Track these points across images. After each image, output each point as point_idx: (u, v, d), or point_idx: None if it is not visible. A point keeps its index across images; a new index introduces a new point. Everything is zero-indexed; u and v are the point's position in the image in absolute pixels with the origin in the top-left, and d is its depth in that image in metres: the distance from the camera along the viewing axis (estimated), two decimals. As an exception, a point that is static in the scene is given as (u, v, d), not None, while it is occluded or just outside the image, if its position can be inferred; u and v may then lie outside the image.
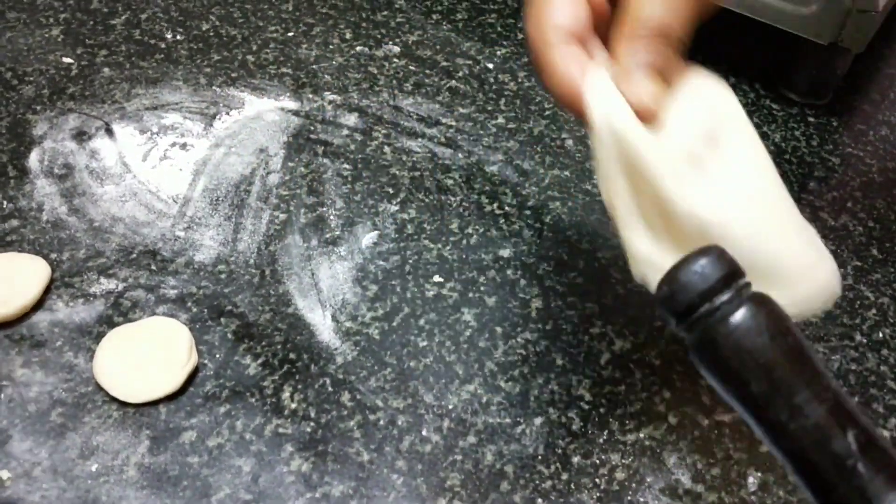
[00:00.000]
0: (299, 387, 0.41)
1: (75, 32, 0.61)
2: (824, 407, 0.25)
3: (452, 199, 0.51)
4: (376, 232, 0.49)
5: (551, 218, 0.51)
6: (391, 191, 0.51)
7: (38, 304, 0.44)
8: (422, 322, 0.45)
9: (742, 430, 0.41)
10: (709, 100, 0.34)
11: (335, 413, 0.40)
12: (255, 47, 0.61)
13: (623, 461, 0.40)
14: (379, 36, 0.63)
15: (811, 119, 0.60)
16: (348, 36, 0.63)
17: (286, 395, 0.41)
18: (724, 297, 0.26)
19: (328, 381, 0.42)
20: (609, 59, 0.34)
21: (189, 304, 0.44)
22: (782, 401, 0.26)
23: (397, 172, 0.52)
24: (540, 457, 0.39)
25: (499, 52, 0.62)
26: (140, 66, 0.59)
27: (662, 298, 0.28)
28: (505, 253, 0.48)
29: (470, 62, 0.61)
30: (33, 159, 0.51)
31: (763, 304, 0.27)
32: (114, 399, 0.40)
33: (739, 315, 0.26)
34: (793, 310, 0.28)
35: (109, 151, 0.52)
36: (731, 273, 0.27)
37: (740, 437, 0.41)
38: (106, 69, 0.58)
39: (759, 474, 0.40)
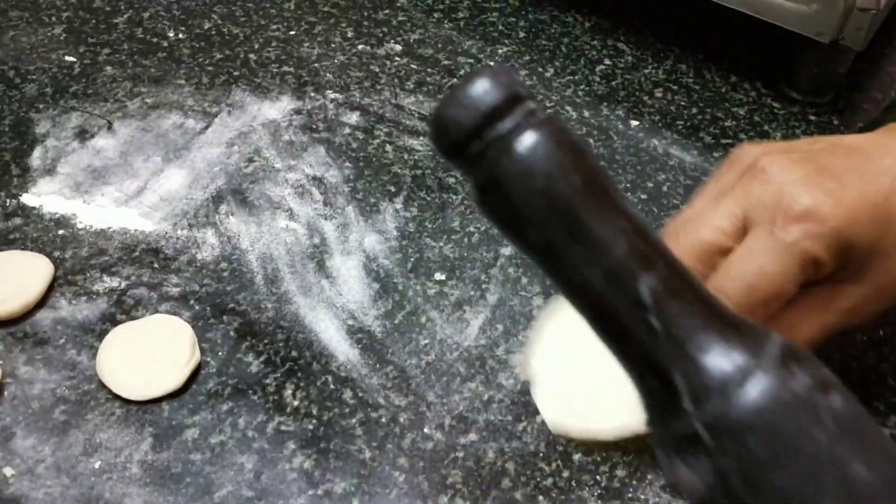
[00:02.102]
0: (301, 384, 0.41)
1: (78, 31, 0.61)
2: (622, 248, 0.22)
3: (454, 197, 0.51)
4: (378, 230, 0.49)
5: (553, 216, 0.51)
6: (393, 189, 0.51)
7: (42, 302, 0.44)
8: (423, 320, 0.45)
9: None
10: None
11: (337, 410, 0.41)
12: (256, 46, 0.61)
13: (624, 458, 0.40)
14: (381, 34, 0.63)
15: (812, 118, 0.60)
16: (350, 34, 0.63)
17: (288, 392, 0.41)
18: (502, 127, 0.22)
19: (330, 378, 0.42)
20: None
21: (191, 301, 0.45)
22: (573, 246, 0.22)
23: (399, 171, 0.53)
24: (541, 454, 0.40)
25: (500, 51, 0.62)
26: (142, 64, 0.59)
27: (432, 140, 0.23)
28: (507, 251, 0.48)
29: (471, 61, 0.61)
30: (36, 157, 0.52)
31: (552, 130, 0.22)
32: (116, 396, 0.40)
33: (521, 146, 0.21)
34: None
35: (112, 150, 0.53)
36: (510, 98, 0.22)
37: (741, 435, 0.41)
38: (108, 68, 0.58)
39: (759, 472, 0.40)
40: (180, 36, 0.62)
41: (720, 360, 0.20)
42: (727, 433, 0.20)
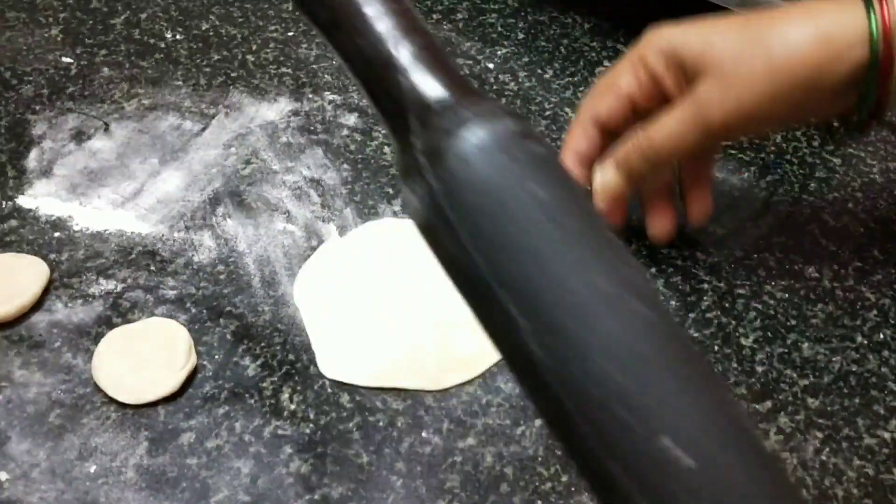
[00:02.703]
0: (298, 388, 0.41)
1: (75, 32, 0.61)
2: (387, 23, 0.27)
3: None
4: (376, 232, 0.49)
5: (551, 218, 0.51)
6: (391, 191, 0.51)
7: (37, 305, 0.44)
8: (421, 323, 0.44)
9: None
10: None
11: (334, 415, 0.40)
12: (254, 47, 0.61)
13: (623, 463, 0.39)
14: (379, 35, 0.63)
15: (813, 118, 0.60)
16: (348, 35, 0.63)
17: (285, 396, 0.41)
18: None
19: (327, 382, 0.42)
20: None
21: (188, 304, 0.44)
22: (350, 22, 0.27)
23: (397, 173, 0.52)
24: (540, 459, 0.39)
25: (499, 52, 0.62)
26: (139, 65, 0.59)
27: None
28: (505, 254, 0.48)
29: (470, 62, 0.61)
30: (32, 159, 0.51)
31: None
32: (112, 400, 0.40)
33: None
34: None
35: (108, 152, 0.52)
36: None
37: (741, 439, 0.41)
38: (105, 69, 0.58)
39: (759, 476, 0.39)
40: (178, 37, 0.61)
41: (446, 107, 0.25)
42: (438, 160, 0.24)
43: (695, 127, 0.40)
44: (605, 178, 0.44)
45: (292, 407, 0.40)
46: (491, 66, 0.61)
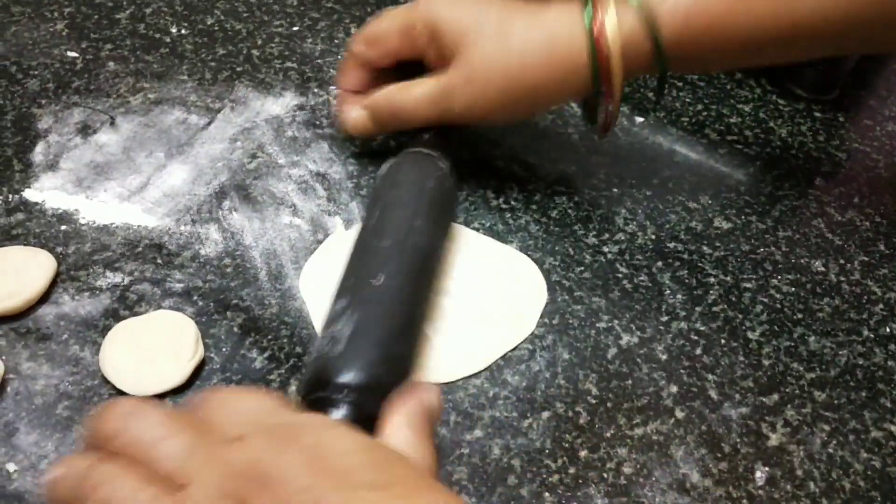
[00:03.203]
0: (306, 380, 0.41)
1: (80, 26, 0.61)
2: None
3: (458, 193, 0.51)
4: (382, 226, 0.49)
5: (557, 212, 0.51)
6: (397, 185, 0.51)
7: (44, 298, 0.44)
8: (428, 316, 0.44)
9: (749, 424, 0.41)
10: None
11: (342, 407, 0.40)
12: (260, 42, 0.61)
13: (630, 455, 0.39)
14: (384, 30, 0.63)
15: (818, 114, 0.60)
16: (353, 30, 0.63)
17: (292, 388, 0.41)
18: None
19: (334, 374, 0.42)
20: None
21: (195, 297, 0.44)
22: None
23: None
24: (547, 451, 0.39)
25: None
26: (145, 60, 0.59)
27: None
28: (511, 247, 0.48)
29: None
30: (38, 153, 0.51)
31: None
32: (120, 392, 0.40)
33: None
34: None
35: (114, 145, 0.52)
36: None
37: (747, 432, 0.41)
38: (111, 63, 0.58)
39: (766, 469, 0.39)
40: (183, 31, 0.61)
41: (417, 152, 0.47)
42: (396, 163, 0.46)
43: (436, 107, 0.47)
44: (356, 115, 0.50)
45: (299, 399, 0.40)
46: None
